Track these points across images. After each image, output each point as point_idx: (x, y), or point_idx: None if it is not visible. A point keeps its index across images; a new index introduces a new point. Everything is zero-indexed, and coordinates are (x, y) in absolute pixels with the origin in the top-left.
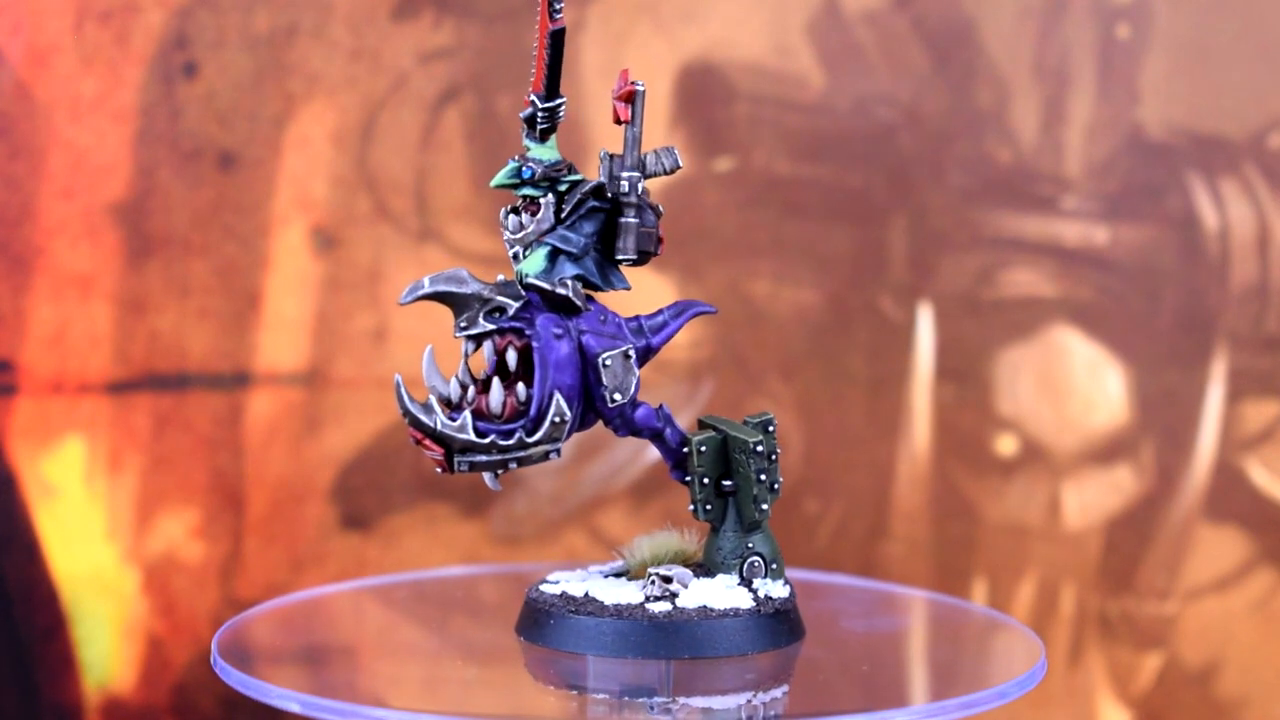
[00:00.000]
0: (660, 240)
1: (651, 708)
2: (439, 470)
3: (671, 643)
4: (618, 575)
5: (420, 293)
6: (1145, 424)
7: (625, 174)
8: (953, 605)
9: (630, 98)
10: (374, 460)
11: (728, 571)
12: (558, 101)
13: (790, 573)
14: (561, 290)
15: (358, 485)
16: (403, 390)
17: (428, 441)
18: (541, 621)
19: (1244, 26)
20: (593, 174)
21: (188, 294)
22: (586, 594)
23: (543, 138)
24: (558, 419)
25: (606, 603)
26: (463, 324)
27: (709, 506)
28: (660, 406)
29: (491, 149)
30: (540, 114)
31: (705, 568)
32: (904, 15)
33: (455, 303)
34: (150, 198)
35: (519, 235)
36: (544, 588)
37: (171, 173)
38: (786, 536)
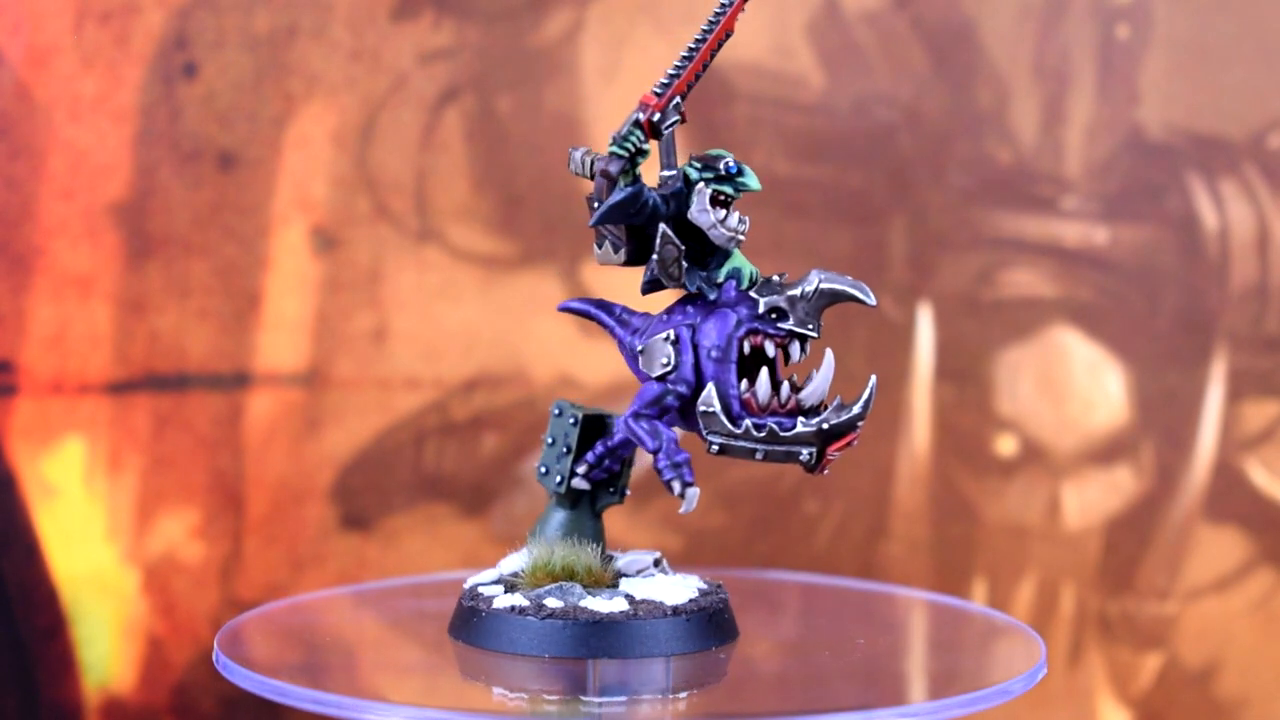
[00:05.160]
0: None
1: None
2: (825, 471)
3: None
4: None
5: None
6: (1145, 424)
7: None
8: (953, 605)
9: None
10: (374, 460)
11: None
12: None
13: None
14: None
15: (357, 485)
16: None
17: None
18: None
19: (1244, 26)
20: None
21: (188, 294)
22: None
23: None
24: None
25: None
26: (811, 327)
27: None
28: None
29: (491, 149)
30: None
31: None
32: (904, 15)
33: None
34: (150, 198)
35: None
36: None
37: (171, 173)
38: (786, 536)
